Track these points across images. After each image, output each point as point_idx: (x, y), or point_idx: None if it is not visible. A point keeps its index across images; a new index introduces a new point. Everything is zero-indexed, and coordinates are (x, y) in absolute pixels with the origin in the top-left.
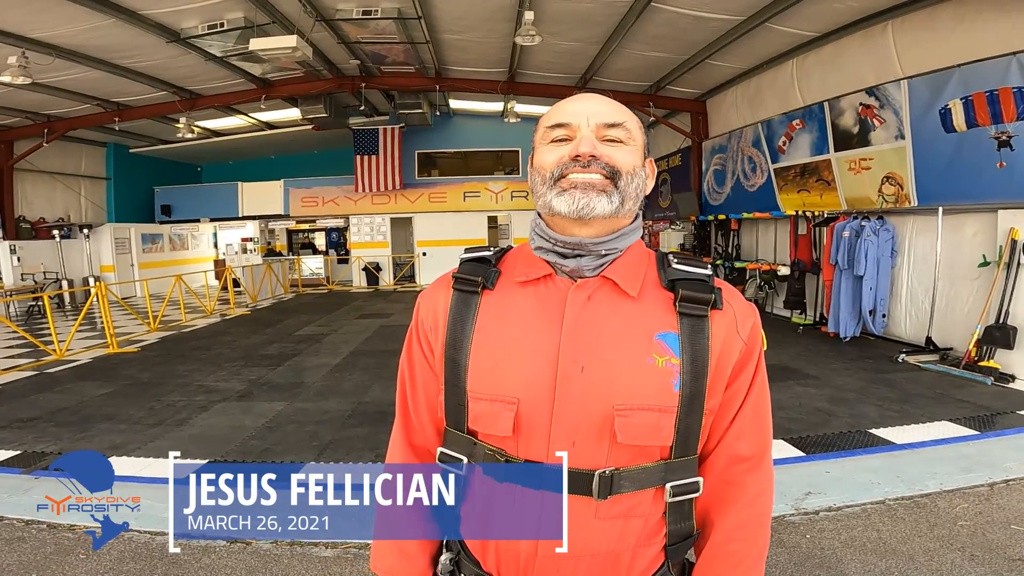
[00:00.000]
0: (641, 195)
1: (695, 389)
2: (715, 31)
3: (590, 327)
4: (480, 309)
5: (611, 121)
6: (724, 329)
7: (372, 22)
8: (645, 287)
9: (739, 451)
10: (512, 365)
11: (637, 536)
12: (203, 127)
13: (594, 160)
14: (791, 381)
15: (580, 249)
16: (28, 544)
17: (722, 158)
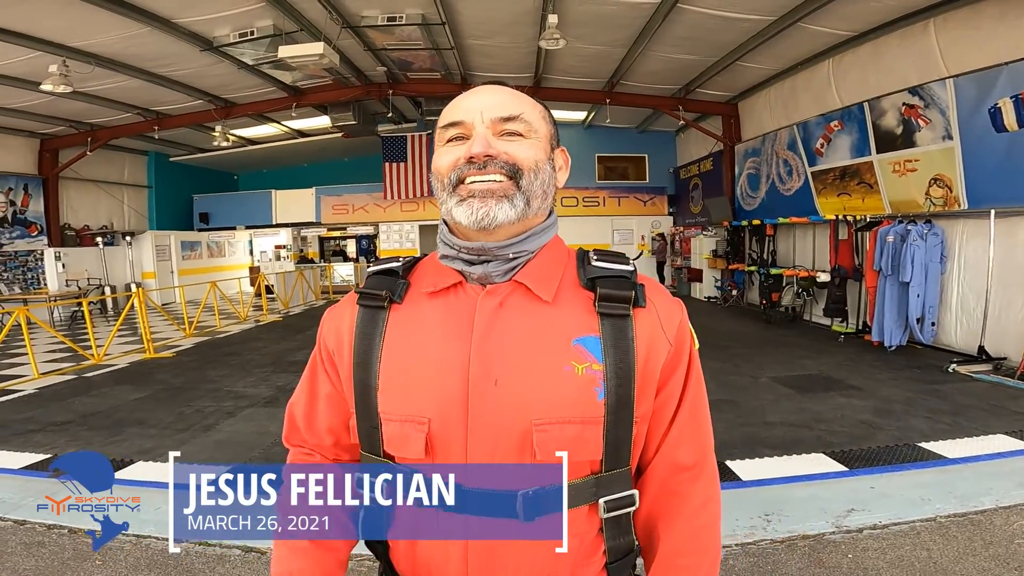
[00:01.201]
0: (551, 190)
1: (622, 396)
2: (745, 32)
3: (503, 336)
4: (388, 325)
5: (507, 114)
6: (649, 328)
7: (397, 28)
8: (562, 289)
9: (679, 459)
10: (421, 382)
11: (573, 557)
12: (238, 135)
13: (491, 160)
14: (833, 392)
15: (486, 254)
16: (47, 549)
17: (756, 162)
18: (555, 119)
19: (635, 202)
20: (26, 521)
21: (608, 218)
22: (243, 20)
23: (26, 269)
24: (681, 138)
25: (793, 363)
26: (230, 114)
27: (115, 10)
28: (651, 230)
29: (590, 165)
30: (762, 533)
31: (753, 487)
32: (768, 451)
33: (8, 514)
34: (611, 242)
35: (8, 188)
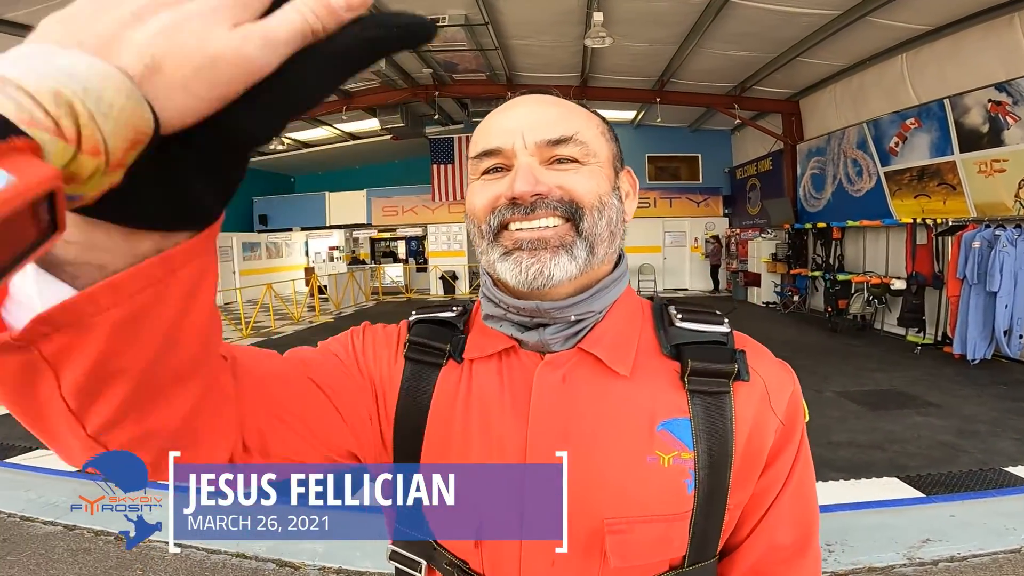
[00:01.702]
0: (619, 229)
1: (714, 486)
2: (806, 27)
3: (568, 416)
4: (436, 388)
5: (558, 136)
6: (753, 407)
7: (440, 29)
8: (640, 357)
9: (778, 540)
10: (473, 462)
11: None
12: (293, 138)
13: (540, 200)
14: (908, 409)
15: (540, 317)
16: (92, 556)
17: (820, 161)
18: (615, 132)
19: (688, 203)
20: (76, 526)
21: (659, 220)
22: None
23: None
24: (737, 137)
25: (862, 376)
26: None
27: None
28: (705, 232)
29: (640, 165)
30: (824, 565)
31: None
32: (833, 474)
33: (60, 518)
34: (662, 244)
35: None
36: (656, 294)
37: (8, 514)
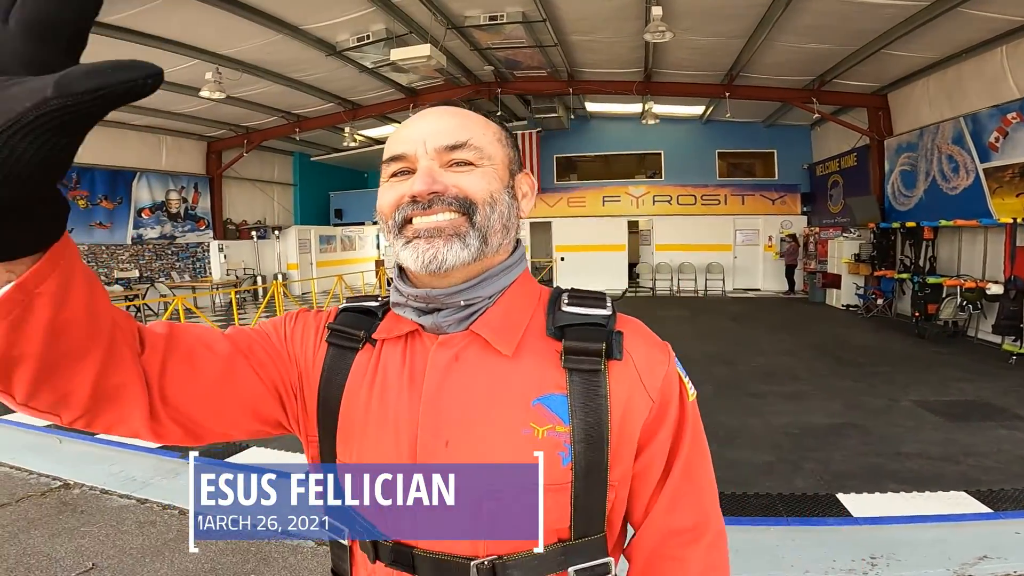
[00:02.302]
0: (512, 223)
1: (592, 460)
2: (890, 19)
3: (456, 393)
4: (352, 369)
5: (453, 142)
6: (626, 384)
7: (501, 27)
8: (527, 339)
9: (673, 524)
10: (372, 439)
11: None
12: (364, 136)
13: (437, 197)
14: (992, 422)
15: (432, 302)
16: (157, 528)
17: (911, 157)
18: (515, 141)
19: (762, 200)
20: (147, 500)
21: (730, 217)
22: (359, 25)
23: (195, 259)
24: (817, 132)
25: (946, 386)
26: (356, 115)
27: (252, 19)
28: (780, 231)
29: (709, 161)
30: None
31: (864, 525)
32: (894, 486)
33: (135, 492)
34: (732, 243)
35: (182, 187)
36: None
37: (90, 487)
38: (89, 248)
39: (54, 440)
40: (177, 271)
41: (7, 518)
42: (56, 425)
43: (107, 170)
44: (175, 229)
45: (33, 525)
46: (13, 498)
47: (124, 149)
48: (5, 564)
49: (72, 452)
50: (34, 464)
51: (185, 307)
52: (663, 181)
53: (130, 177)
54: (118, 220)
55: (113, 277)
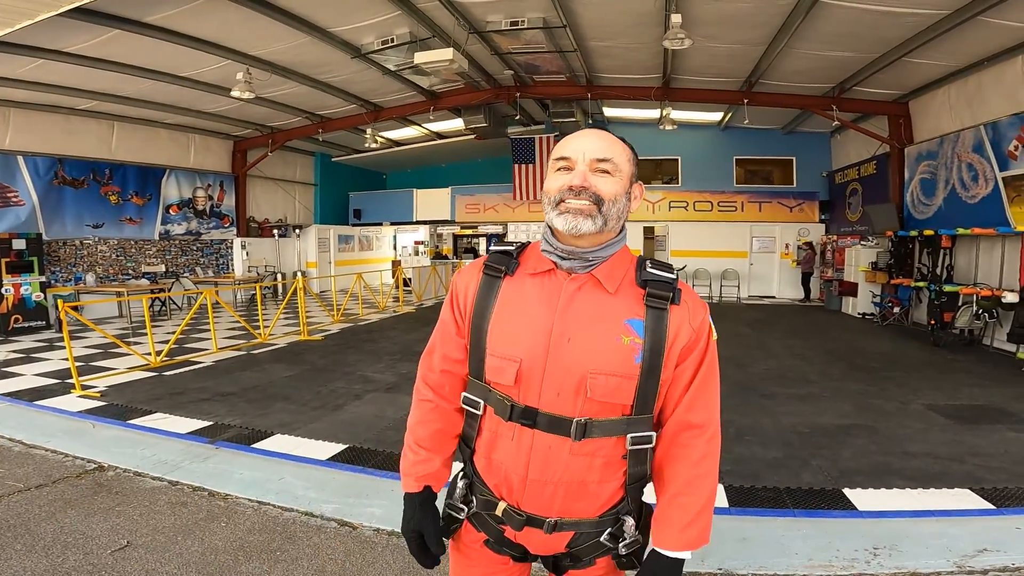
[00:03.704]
0: (624, 215)
1: (653, 363)
2: (911, 27)
3: (577, 311)
4: (500, 290)
5: (601, 156)
6: (678, 319)
7: (521, 32)
8: (623, 285)
9: (689, 419)
10: (519, 334)
11: (601, 471)
12: (385, 137)
13: (584, 190)
14: (1001, 425)
15: (573, 255)
16: (188, 509)
17: (931, 165)
18: (638, 160)
19: (779, 208)
20: (178, 482)
21: (747, 224)
22: (384, 28)
23: (219, 256)
24: (837, 140)
25: (958, 391)
26: (378, 117)
27: (284, 20)
28: (798, 238)
29: (727, 168)
30: (863, 567)
31: (868, 518)
32: (900, 482)
33: (167, 475)
34: (748, 250)
35: (208, 184)
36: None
37: (124, 469)
38: (119, 242)
39: (88, 425)
40: (201, 267)
41: (44, 499)
42: (88, 410)
43: (138, 167)
44: (201, 226)
45: (70, 505)
46: (50, 479)
47: (155, 147)
48: (43, 542)
49: (105, 436)
50: (70, 447)
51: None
52: (680, 187)
53: (160, 174)
54: (147, 216)
55: (140, 271)
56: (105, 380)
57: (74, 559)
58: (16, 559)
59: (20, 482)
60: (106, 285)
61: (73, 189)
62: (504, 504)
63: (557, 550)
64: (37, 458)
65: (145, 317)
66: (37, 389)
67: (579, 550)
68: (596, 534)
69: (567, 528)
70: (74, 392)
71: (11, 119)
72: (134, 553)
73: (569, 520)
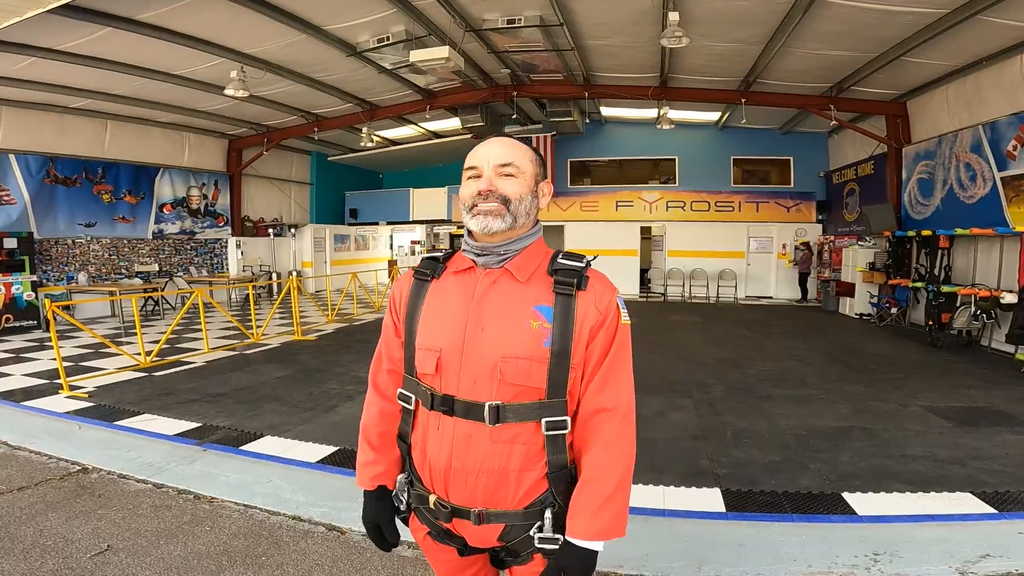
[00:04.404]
0: (533, 212)
1: (562, 347)
2: (909, 26)
3: (490, 301)
4: (428, 291)
5: (503, 161)
6: (585, 304)
7: (518, 31)
8: (535, 275)
9: (599, 403)
10: (439, 326)
11: (521, 460)
12: (381, 136)
13: (491, 193)
14: (1000, 428)
15: (486, 251)
16: (171, 512)
17: (929, 165)
18: (543, 162)
19: (776, 208)
20: (163, 485)
21: (744, 224)
22: (379, 26)
23: (213, 255)
24: (835, 140)
25: (957, 393)
26: (374, 116)
27: (278, 18)
28: (795, 238)
29: (724, 168)
30: (863, 573)
31: (867, 523)
32: (900, 487)
33: (152, 477)
34: (745, 250)
35: (203, 183)
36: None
37: (108, 472)
38: (112, 241)
39: (75, 426)
40: (195, 266)
41: (25, 501)
42: (75, 411)
43: (131, 165)
44: (195, 225)
45: (51, 508)
46: (32, 481)
47: (148, 145)
48: (22, 545)
49: (91, 438)
50: (55, 449)
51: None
52: (677, 187)
53: (153, 173)
54: (140, 215)
55: (133, 271)
56: (94, 380)
57: (53, 563)
58: None
59: (2, 484)
60: (99, 284)
61: (65, 188)
62: (434, 496)
63: (492, 543)
64: (21, 460)
65: (135, 317)
66: (26, 389)
67: (514, 544)
68: (526, 527)
69: (495, 520)
70: (62, 393)
71: (3, 117)
72: (114, 557)
73: (495, 511)
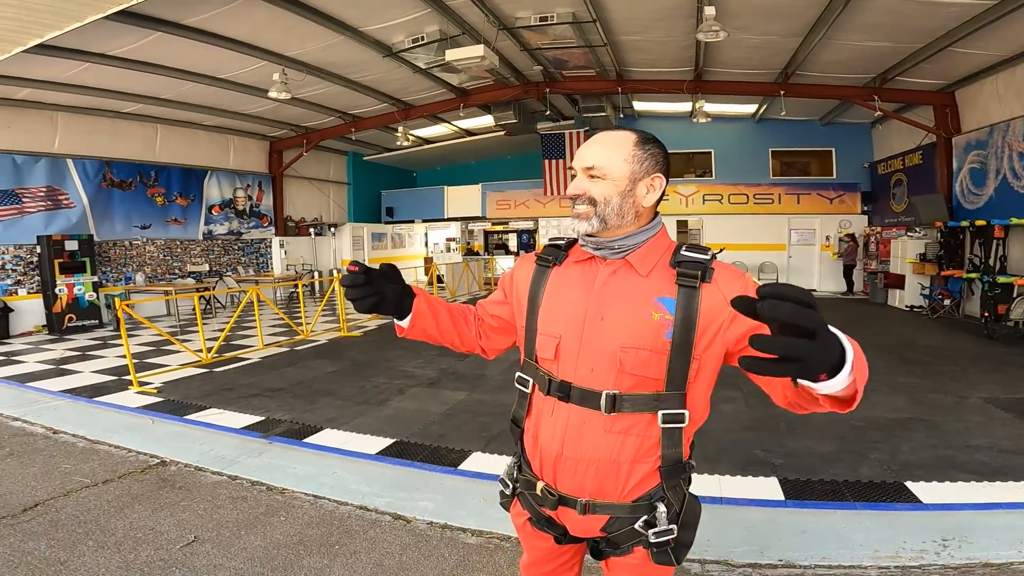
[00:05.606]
0: (629, 210)
1: (684, 339)
2: (955, 18)
3: (610, 292)
4: (549, 277)
5: (589, 165)
6: (712, 296)
7: (550, 28)
8: (656, 268)
9: None
10: (559, 313)
11: (634, 451)
12: (416, 135)
13: (578, 197)
14: None
15: (601, 246)
16: (248, 503)
17: (981, 155)
18: (649, 158)
19: (819, 199)
20: (237, 476)
21: (784, 216)
22: (414, 27)
23: (258, 255)
24: (879, 130)
25: (1017, 385)
26: (409, 115)
27: (316, 20)
28: (839, 230)
29: (763, 160)
30: (932, 558)
31: (934, 511)
32: (964, 476)
33: (225, 469)
34: (787, 242)
35: (247, 185)
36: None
37: (184, 464)
38: (165, 243)
39: (147, 421)
40: (243, 266)
41: (111, 494)
42: (146, 406)
43: (181, 168)
44: (241, 225)
45: (136, 500)
46: (115, 474)
47: (196, 148)
48: (114, 538)
49: (164, 432)
50: (132, 443)
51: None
52: (713, 180)
53: (201, 175)
54: (191, 217)
55: (186, 271)
56: (160, 376)
57: (146, 555)
58: (89, 555)
59: (87, 477)
60: (154, 284)
61: (121, 191)
62: (542, 484)
63: (594, 533)
64: (102, 453)
65: (197, 315)
66: (95, 386)
67: (616, 536)
68: (631, 520)
69: (600, 511)
70: (132, 388)
71: (59, 123)
72: (201, 548)
73: (602, 503)
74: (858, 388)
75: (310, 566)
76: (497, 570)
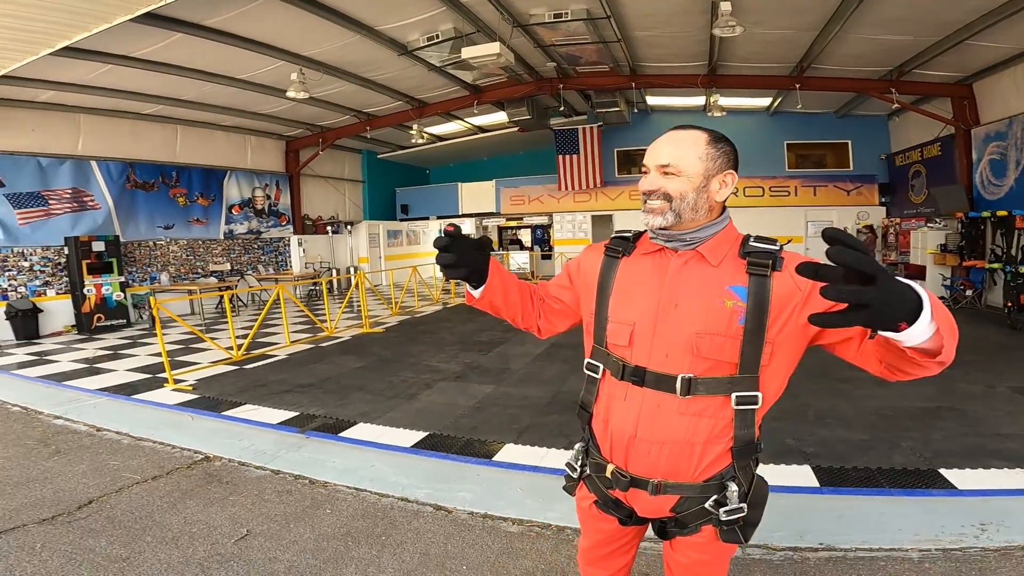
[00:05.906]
0: (702, 205)
1: (757, 324)
2: (973, 11)
3: (683, 281)
4: (619, 268)
5: (663, 163)
6: (783, 284)
7: (564, 24)
8: (727, 258)
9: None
10: (633, 301)
11: (707, 433)
12: (430, 133)
13: (652, 193)
14: None
15: (673, 238)
16: (293, 497)
17: (1000, 146)
18: (721, 156)
19: (835, 191)
20: (280, 471)
21: (801, 208)
22: (428, 25)
23: (277, 253)
24: (895, 122)
25: None
26: (423, 113)
27: (333, 20)
28: (857, 222)
29: (778, 153)
30: (972, 541)
31: (970, 496)
32: (997, 463)
33: (267, 464)
34: (804, 234)
35: (265, 184)
36: None
37: (228, 459)
38: (188, 243)
39: (187, 417)
40: (263, 264)
41: (163, 489)
42: (183, 403)
43: (201, 169)
44: (260, 224)
45: (187, 495)
46: (163, 471)
47: (214, 149)
48: (171, 533)
49: (204, 428)
50: (174, 439)
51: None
52: None
53: (221, 175)
54: (212, 217)
55: (208, 270)
56: (192, 374)
57: (203, 550)
58: (149, 551)
59: (136, 474)
60: (178, 284)
61: (144, 192)
62: (612, 466)
63: (662, 513)
64: (147, 450)
65: (227, 313)
66: (131, 384)
67: (684, 515)
68: (701, 499)
69: (671, 491)
70: (167, 386)
71: (82, 124)
72: (254, 542)
73: (673, 483)
74: (945, 339)
75: (360, 557)
76: (541, 556)
